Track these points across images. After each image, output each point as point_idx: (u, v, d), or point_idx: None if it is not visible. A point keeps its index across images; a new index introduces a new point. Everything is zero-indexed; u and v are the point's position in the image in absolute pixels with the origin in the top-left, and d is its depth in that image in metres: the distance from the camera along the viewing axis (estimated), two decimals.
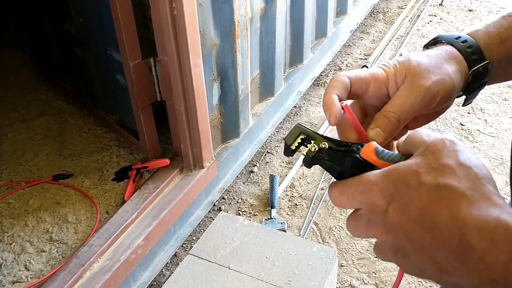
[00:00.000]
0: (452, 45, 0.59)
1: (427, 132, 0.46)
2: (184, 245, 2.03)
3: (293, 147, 0.53)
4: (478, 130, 2.54)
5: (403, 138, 0.49)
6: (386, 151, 0.49)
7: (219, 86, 1.91)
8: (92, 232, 1.68)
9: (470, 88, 0.60)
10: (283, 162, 2.42)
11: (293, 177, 2.35)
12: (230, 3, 1.74)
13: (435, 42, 0.61)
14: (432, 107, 0.56)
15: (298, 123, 0.55)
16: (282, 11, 2.14)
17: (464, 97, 0.63)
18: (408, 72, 0.55)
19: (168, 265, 1.96)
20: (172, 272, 1.67)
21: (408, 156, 0.46)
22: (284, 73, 2.45)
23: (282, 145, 2.53)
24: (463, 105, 0.65)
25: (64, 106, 2.28)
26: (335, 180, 0.51)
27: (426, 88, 0.54)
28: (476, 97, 0.64)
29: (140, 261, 1.66)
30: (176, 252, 1.97)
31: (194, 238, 2.04)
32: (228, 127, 2.05)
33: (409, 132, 0.48)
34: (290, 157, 0.56)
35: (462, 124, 2.58)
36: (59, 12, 2.01)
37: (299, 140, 0.53)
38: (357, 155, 0.49)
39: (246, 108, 2.09)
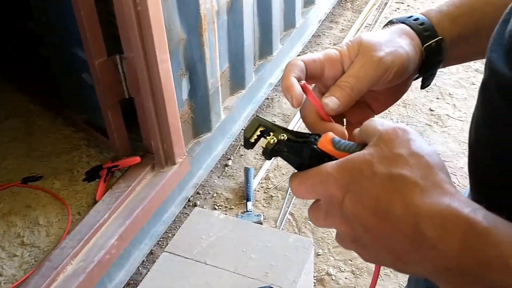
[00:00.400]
0: (404, 23, 0.59)
1: (381, 121, 0.46)
2: (159, 243, 2.02)
3: (252, 140, 0.53)
4: (447, 115, 2.59)
5: (357, 130, 0.49)
6: (343, 141, 0.49)
7: (188, 80, 1.90)
8: (64, 234, 1.66)
9: (426, 66, 0.59)
10: (257, 154, 2.43)
11: (268, 169, 2.35)
12: None
13: (389, 23, 0.62)
14: (389, 79, 0.55)
15: (257, 115, 0.54)
16: (249, 3, 2.13)
17: (421, 80, 0.63)
18: (361, 47, 0.55)
19: (144, 263, 1.94)
20: (149, 270, 1.66)
21: (364, 145, 0.46)
22: (254, 65, 2.44)
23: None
24: (421, 88, 0.65)
25: (31, 107, 2.23)
26: (296, 171, 0.51)
27: (379, 58, 0.54)
28: (433, 78, 0.63)
29: (115, 261, 1.65)
30: (152, 250, 1.96)
31: (170, 235, 2.03)
32: (200, 122, 2.04)
33: (365, 122, 0.48)
34: (251, 149, 0.55)
35: (431, 110, 2.62)
36: (21, 12, 1.96)
37: (258, 132, 0.52)
38: (315, 146, 0.49)
39: (217, 101, 2.08)
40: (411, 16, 0.59)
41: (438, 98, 2.69)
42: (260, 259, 1.65)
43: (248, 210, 2.13)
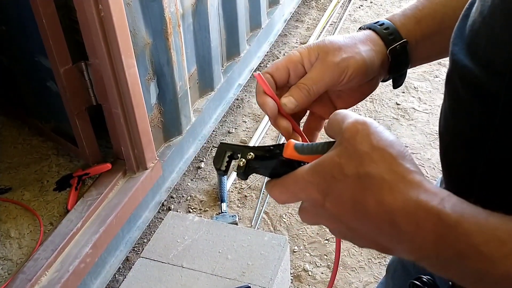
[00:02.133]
0: (370, 29, 0.63)
1: (343, 115, 0.47)
2: (135, 249, 2.00)
3: (223, 168, 0.55)
4: (413, 108, 2.65)
5: (326, 122, 0.51)
6: (306, 145, 0.50)
7: (156, 84, 1.89)
8: (37, 245, 1.63)
9: (393, 68, 0.63)
10: None
11: None
12: (159, 1, 1.73)
13: (359, 29, 0.66)
14: (344, 81, 0.59)
15: (221, 142, 0.58)
16: (214, 5, 2.14)
17: (392, 80, 0.67)
18: (321, 50, 0.59)
19: (120, 270, 1.93)
20: (126, 277, 1.65)
21: (328, 143, 0.48)
22: (222, 66, 2.45)
23: (228, 139, 2.54)
24: (394, 87, 0.69)
25: None
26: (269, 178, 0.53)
27: (334, 63, 0.58)
28: (404, 78, 0.67)
29: (90, 269, 1.63)
30: (127, 256, 1.95)
31: (145, 240, 2.02)
32: (170, 125, 2.03)
33: (330, 116, 0.50)
34: (226, 175, 0.59)
35: (398, 104, 2.67)
36: None
37: (226, 158, 0.54)
38: (282, 158, 0.51)
39: (186, 104, 2.08)
40: (377, 22, 0.64)
41: (403, 92, 2.75)
42: (236, 259, 1.66)
43: (222, 211, 2.14)
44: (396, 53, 0.62)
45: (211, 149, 2.47)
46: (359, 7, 3.50)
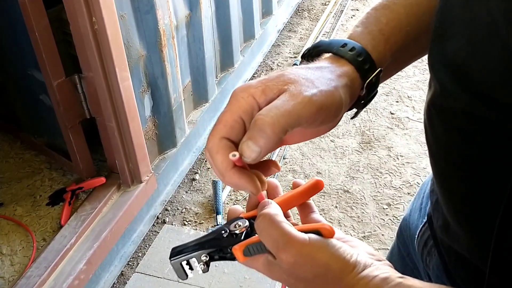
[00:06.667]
0: (338, 54, 0.51)
1: (279, 235, 0.47)
2: (130, 263, 1.97)
3: (191, 275, 0.54)
4: (408, 117, 2.65)
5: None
6: (252, 249, 0.50)
7: (150, 97, 1.88)
8: (29, 262, 1.60)
9: (364, 100, 0.53)
10: None
11: None
12: (153, 13, 1.71)
13: (317, 52, 0.54)
14: (318, 122, 0.47)
15: (170, 258, 0.53)
16: (208, 16, 2.13)
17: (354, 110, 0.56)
18: (284, 84, 0.46)
19: (115, 285, 1.90)
20: None
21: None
22: (217, 78, 2.44)
23: None
24: (352, 118, 0.59)
25: None
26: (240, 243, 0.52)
27: (308, 97, 0.44)
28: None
29: (85, 286, 1.60)
30: (122, 271, 1.91)
31: (140, 254, 1.99)
32: (164, 138, 2.02)
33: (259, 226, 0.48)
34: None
35: (392, 113, 2.67)
36: None
37: (186, 266, 0.53)
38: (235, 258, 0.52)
39: (180, 116, 2.07)
40: (346, 45, 0.51)
41: (397, 101, 2.75)
42: (233, 273, 1.64)
43: (218, 223, 2.12)
44: (371, 85, 0.52)
45: (206, 161, 2.45)
46: (352, 17, 3.52)
